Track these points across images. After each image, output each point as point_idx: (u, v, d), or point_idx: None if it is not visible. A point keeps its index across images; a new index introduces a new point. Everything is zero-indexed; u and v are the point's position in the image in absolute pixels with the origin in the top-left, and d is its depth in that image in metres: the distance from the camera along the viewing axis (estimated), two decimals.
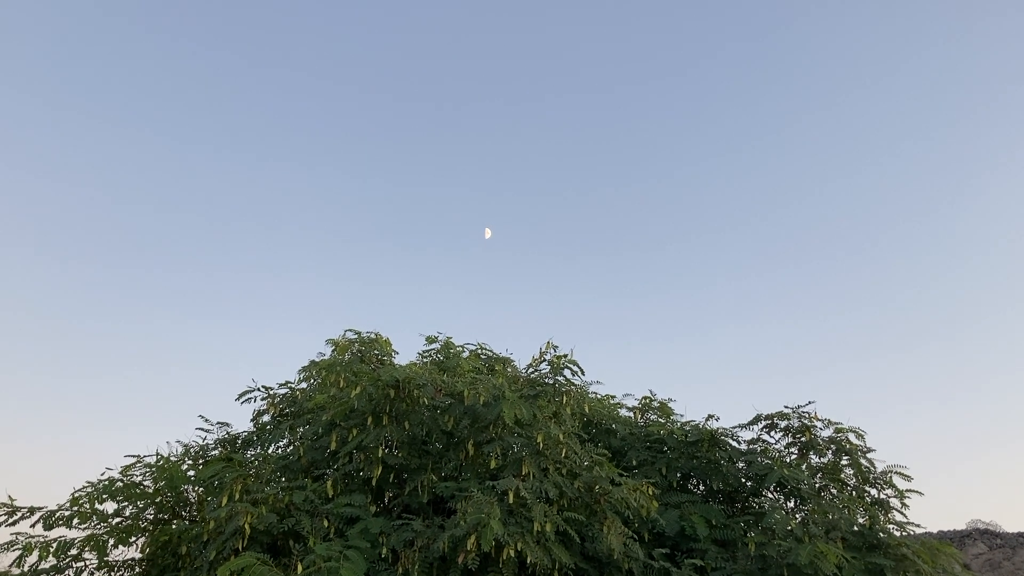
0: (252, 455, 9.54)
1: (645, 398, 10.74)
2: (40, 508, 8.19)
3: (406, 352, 18.08)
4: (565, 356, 8.83)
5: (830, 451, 9.42)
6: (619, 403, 11.17)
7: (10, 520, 8.09)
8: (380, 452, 7.88)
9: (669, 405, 10.60)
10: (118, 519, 8.48)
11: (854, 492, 9.16)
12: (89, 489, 8.35)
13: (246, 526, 6.93)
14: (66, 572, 8.20)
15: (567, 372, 8.82)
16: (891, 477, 9.06)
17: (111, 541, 8.16)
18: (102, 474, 8.68)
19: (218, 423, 9.81)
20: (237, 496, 7.44)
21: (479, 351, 10.52)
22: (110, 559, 8.29)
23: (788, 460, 9.47)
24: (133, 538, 8.37)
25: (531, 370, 9.12)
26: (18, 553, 7.83)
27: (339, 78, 38.40)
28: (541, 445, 7.63)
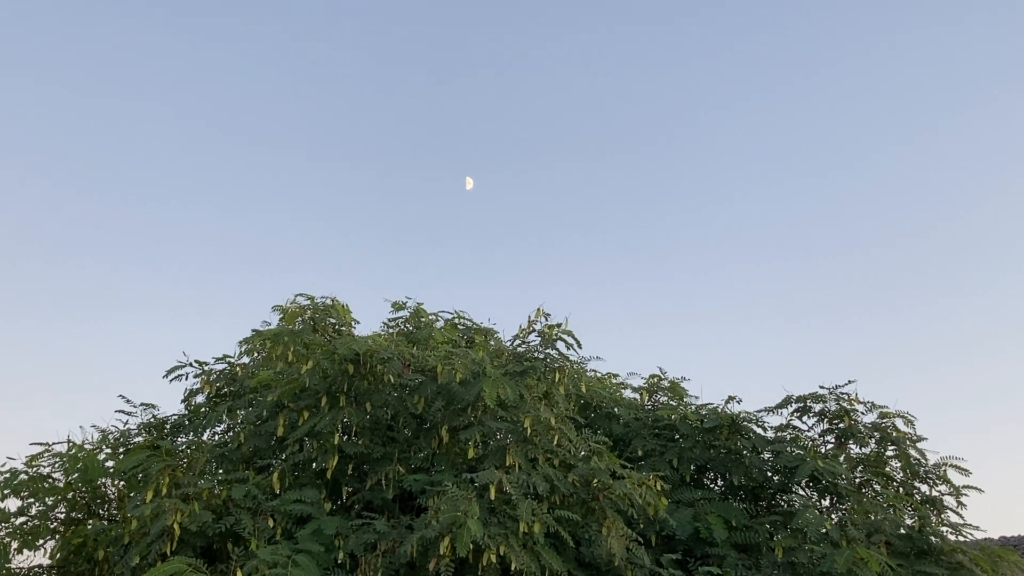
0: (183, 442, 9.56)
1: (653, 377, 10.72)
2: None
3: (369, 321, 17.93)
4: (558, 326, 8.75)
5: (873, 440, 9.47)
6: (623, 383, 11.18)
7: None
8: (336, 439, 7.86)
9: (682, 385, 10.58)
10: (23, 518, 8.50)
11: (901, 488, 9.21)
12: None
13: (175, 526, 6.89)
14: None
15: (561, 345, 8.75)
16: (945, 471, 9.06)
17: (15, 544, 8.23)
18: (3, 465, 8.67)
19: (142, 404, 9.74)
20: (165, 491, 7.45)
21: (456, 320, 10.49)
22: (13, 566, 8.36)
23: (823, 450, 9.46)
24: (41, 541, 8.48)
25: (518, 343, 9.07)
26: None
27: (305, 20, 37.66)
28: (529, 431, 7.62)
